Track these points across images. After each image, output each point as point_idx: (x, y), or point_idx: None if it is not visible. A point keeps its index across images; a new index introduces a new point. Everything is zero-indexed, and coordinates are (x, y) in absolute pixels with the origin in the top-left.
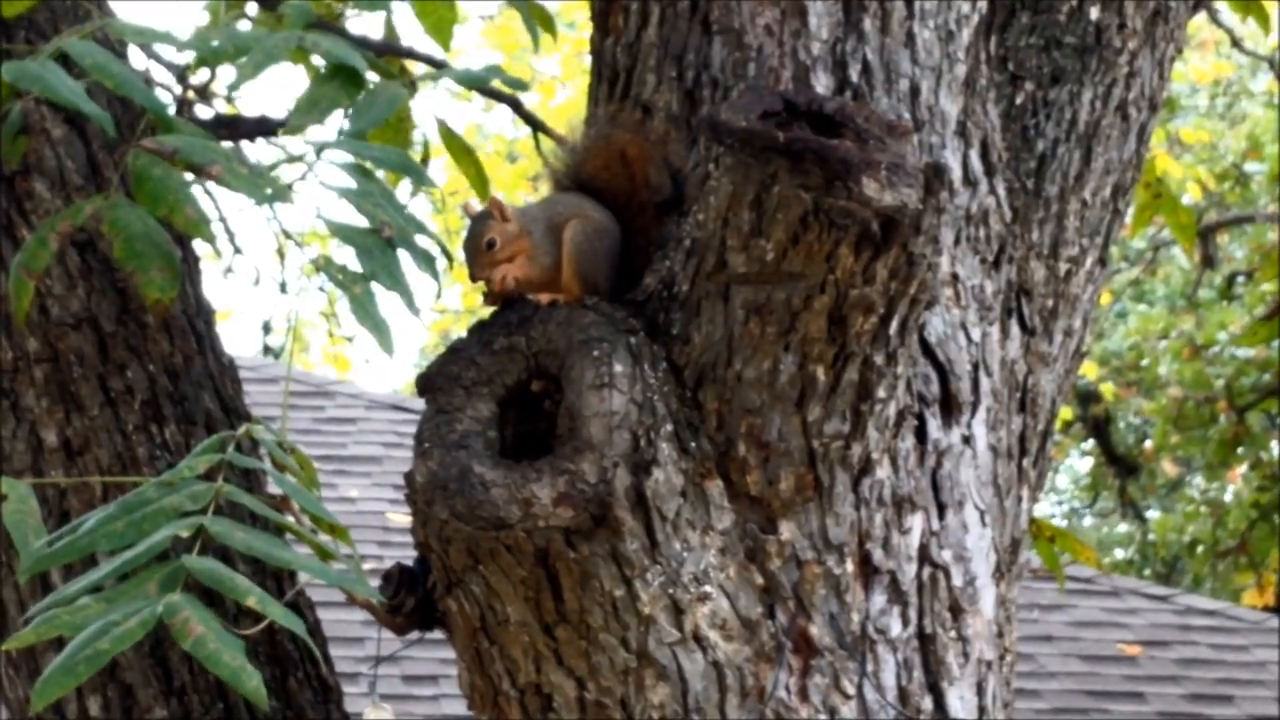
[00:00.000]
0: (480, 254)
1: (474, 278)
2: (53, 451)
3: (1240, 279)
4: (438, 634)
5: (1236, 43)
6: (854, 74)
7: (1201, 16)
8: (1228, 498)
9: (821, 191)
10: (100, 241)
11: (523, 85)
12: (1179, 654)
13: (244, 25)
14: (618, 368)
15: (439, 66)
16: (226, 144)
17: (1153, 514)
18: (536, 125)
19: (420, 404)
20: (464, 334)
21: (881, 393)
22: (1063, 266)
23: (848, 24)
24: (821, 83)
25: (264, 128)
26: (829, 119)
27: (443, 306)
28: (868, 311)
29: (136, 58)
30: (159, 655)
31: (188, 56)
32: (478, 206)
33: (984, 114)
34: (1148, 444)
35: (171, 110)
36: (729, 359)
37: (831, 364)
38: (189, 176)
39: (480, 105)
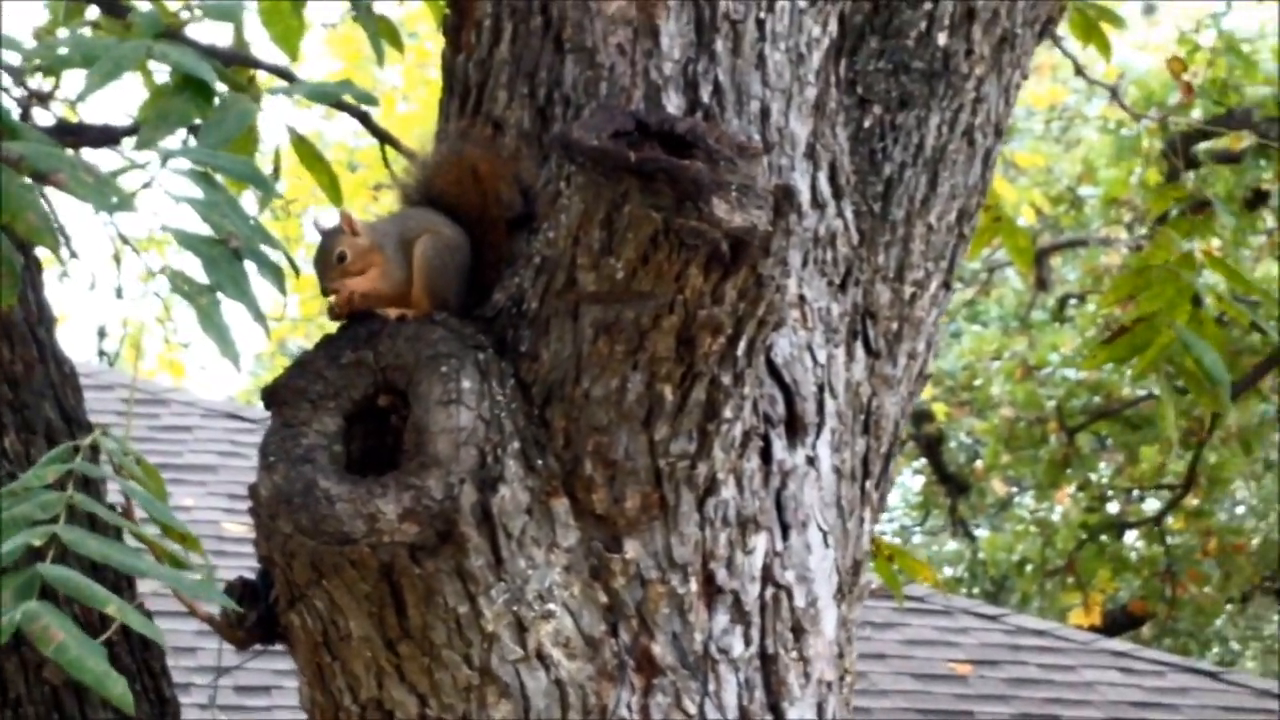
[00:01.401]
0: (331, 267)
1: (325, 291)
2: None
3: (1073, 301)
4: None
5: (1080, 70)
6: (705, 95)
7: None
8: (1056, 518)
9: (672, 211)
10: None
11: (372, 100)
12: (1009, 673)
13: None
14: (465, 384)
15: (287, 77)
16: (70, 152)
17: (981, 533)
18: (384, 137)
19: (257, 412)
20: (306, 345)
21: (728, 413)
22: (908, 290)
23: (699, 45)
24: (673, 103)
25: (108, 135)
26: (680, 139)
27: (280, 314)
28: (716, 332)
29: None
30: None
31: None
32: (328, 222)
33: (833, 137)
34: (978, 463)
35: (16, 115)
36: (577, 377)
37: (679, 383)
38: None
39: (320, 113)
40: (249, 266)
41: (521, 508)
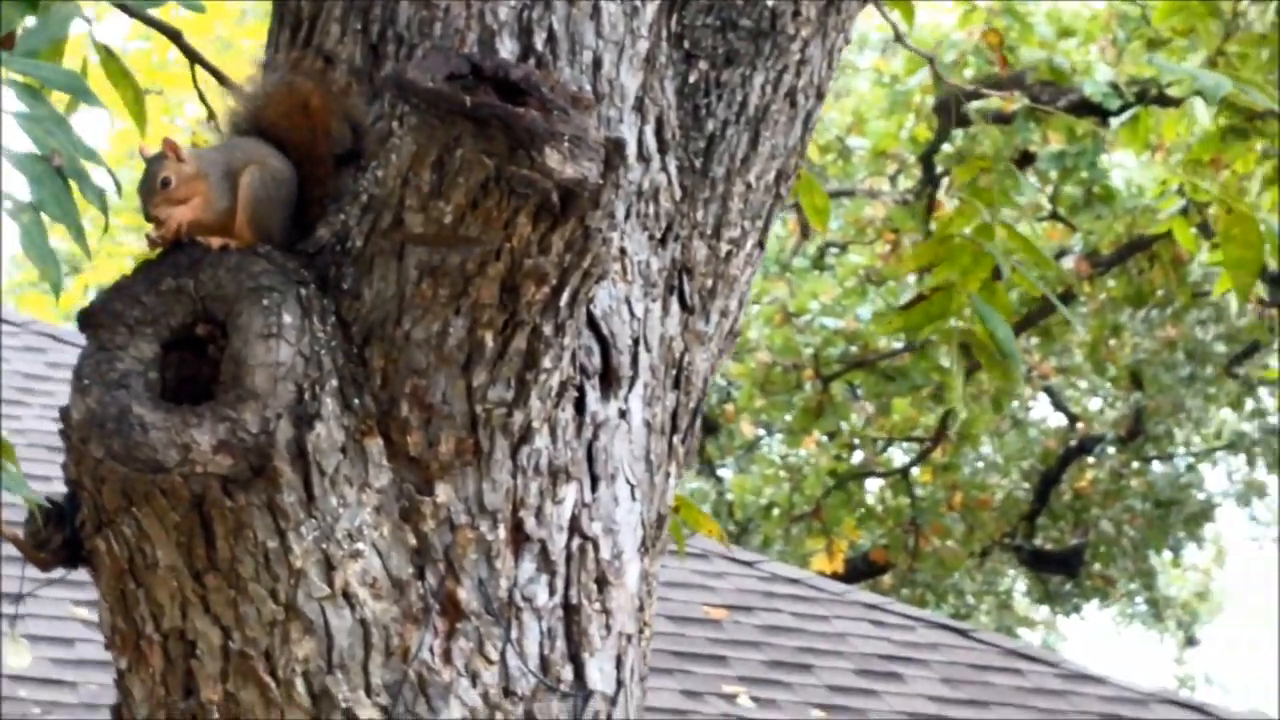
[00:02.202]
0: (155, 193)
1: (148, 217)
2: None
3: (834, 250)
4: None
5: (900, 37)
6: (539, 42)
7: None
8: (803, 463)
9: (504, 159)
10: None
11: (200, 8)
12: (762, 620)
13: None
14: (287, 319)
15: None
16: None
17: (726, 473)
18: (194, 57)
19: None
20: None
21: (547, 363)
22: (724, 247)
23: None
24: (506, 48)
25: None
26: (514, 86)
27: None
28: (540, 281)
29: None
30: None
31: None
32: (152, 150)
33: (661, 91)
34: (730, 405)
35: None
36: (399, 318)
37: (501, 331)
38: None
39: (124, 34)
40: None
41: (336, 446)
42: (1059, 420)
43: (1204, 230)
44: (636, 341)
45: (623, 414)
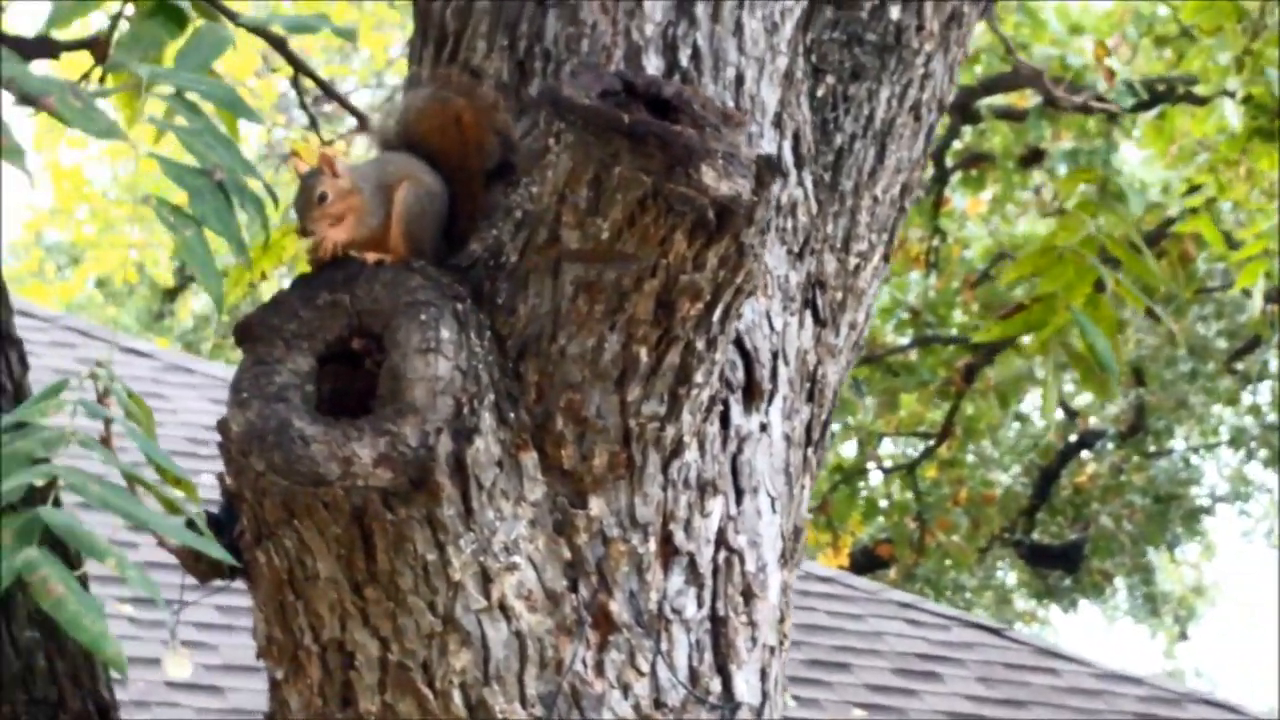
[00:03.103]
0: (312, 207)
1: (304, 232)
2: None
3: None
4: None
5: (1010, 50)
6: (684, 58)
7: None
8: None
9: (662, 176)
10: None
11: (351, 35)
12: (799, 619)
13: None
14: (444, 333)
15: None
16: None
17: None
18: (303, 69)
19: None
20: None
21: (699, 378)
22: (853, 260)
23: (680, 8)
24: (652, 64)
25: (47, 49)
26: (666, 103)
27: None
28: (695, 297)
29: None
30: None
31: None
32: (307, 165)
33: (797, 106)
34: None
35: None
36: (554, 333)
37: (655, 346)
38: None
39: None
40: None
41: (493, 460)
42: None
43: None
44: (776, 355)
45: (764, 427)
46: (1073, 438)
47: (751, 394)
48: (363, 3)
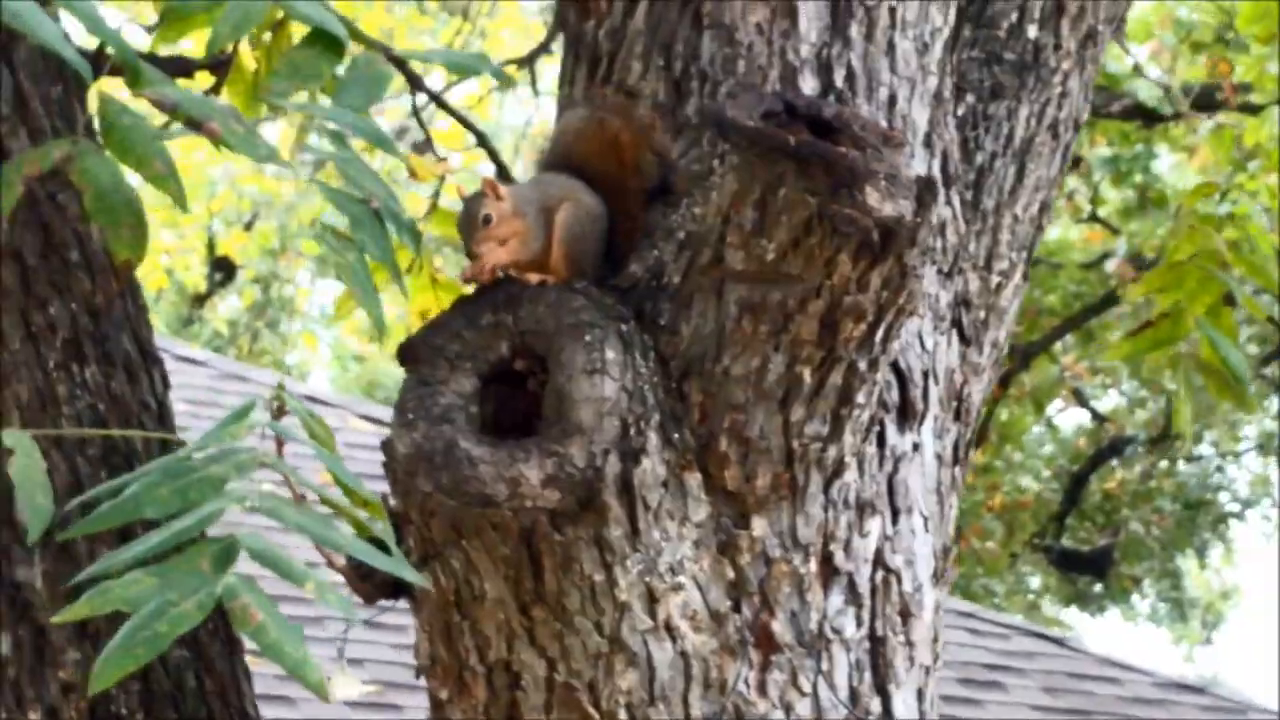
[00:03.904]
0: (477, 229)
1: (470, 254)
2: None
3: None
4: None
5: (1139, 70)
6: (838, 79)
7: None
8: None
9: (827, 197)
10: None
11: (509, 81)
12: None
13: None
14: (610, 354)
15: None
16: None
17: None
18: (433, 96)
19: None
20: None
21: (860, 398)
22: (994, 279)
23: (835, 29)
24: (808, 85)
25: (183, 68)
26: (827, 124)
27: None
28: (858, 318)
29: None
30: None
31: None
32: (470, 188)
33: (945, 126)
34: None
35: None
36: (718, 354)
37: (818, 366)
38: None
39: None
40: None
41: (659, 480)
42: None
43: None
44: (927, 375)
45: (916, 447)
46: (1103, 443)
47: (906, 414)
48: (395, 2)
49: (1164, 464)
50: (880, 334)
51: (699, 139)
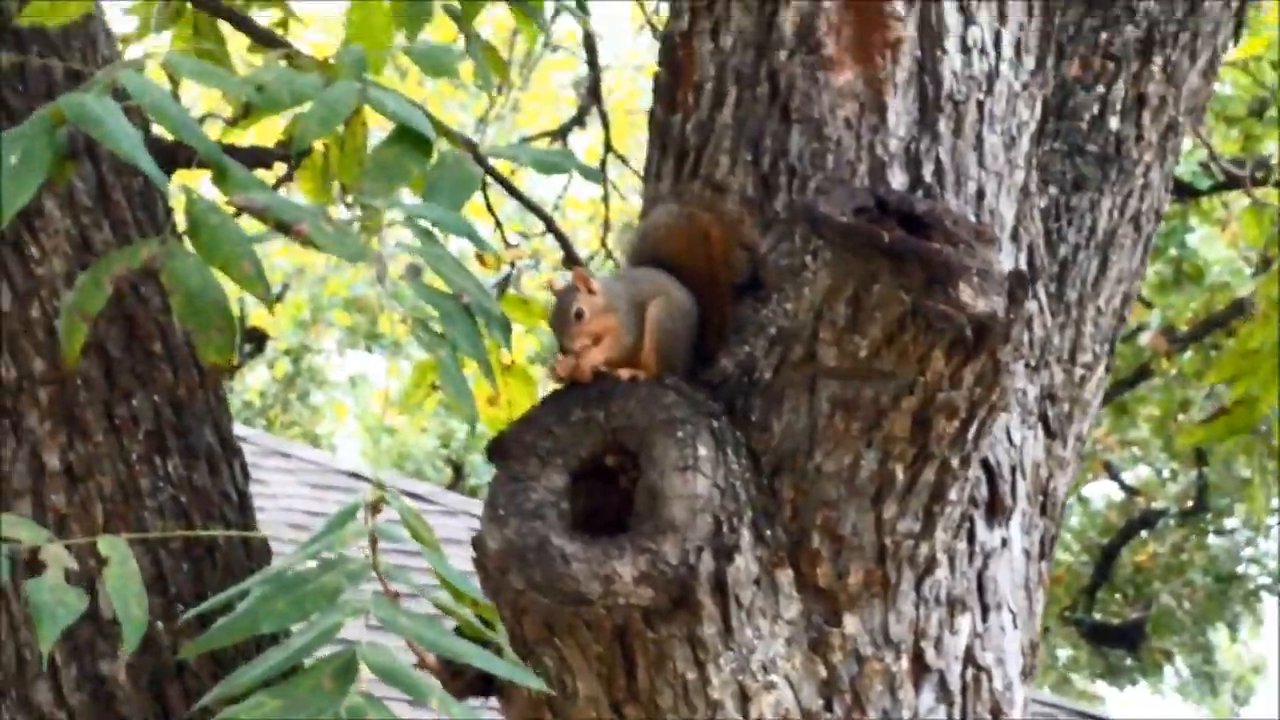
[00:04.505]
0: (569, 324)
1: (564, 349)
2: (54, 475)
3: None
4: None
5: (1214, 157)
6: (927, 173)
7: None
8: None
9: (921, 293)
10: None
11: (596, 176)
12: None
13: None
14: (702, 451)
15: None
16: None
17: None
18: (509, 189)
19: None
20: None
21: (953, 495)
22: (1079, 372)
23: (923, 123)
24: (897, 179)
25: (260, 159)
26: (918, 219)
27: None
28: (951, 415)
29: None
30: (156, 690)
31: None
32: (562, 282)
33: (1032, 219)
34: None
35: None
36: (810, 450)
37: (911, 463)
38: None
39: None
40: None
41: (751, 578)
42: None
43: None
44: (1015, 470)
45: (1005, 542)
46: (1134, 515)
47: (995, 509)
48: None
49: (1194, 537)
50: (973, 430)
51: (789, 233)
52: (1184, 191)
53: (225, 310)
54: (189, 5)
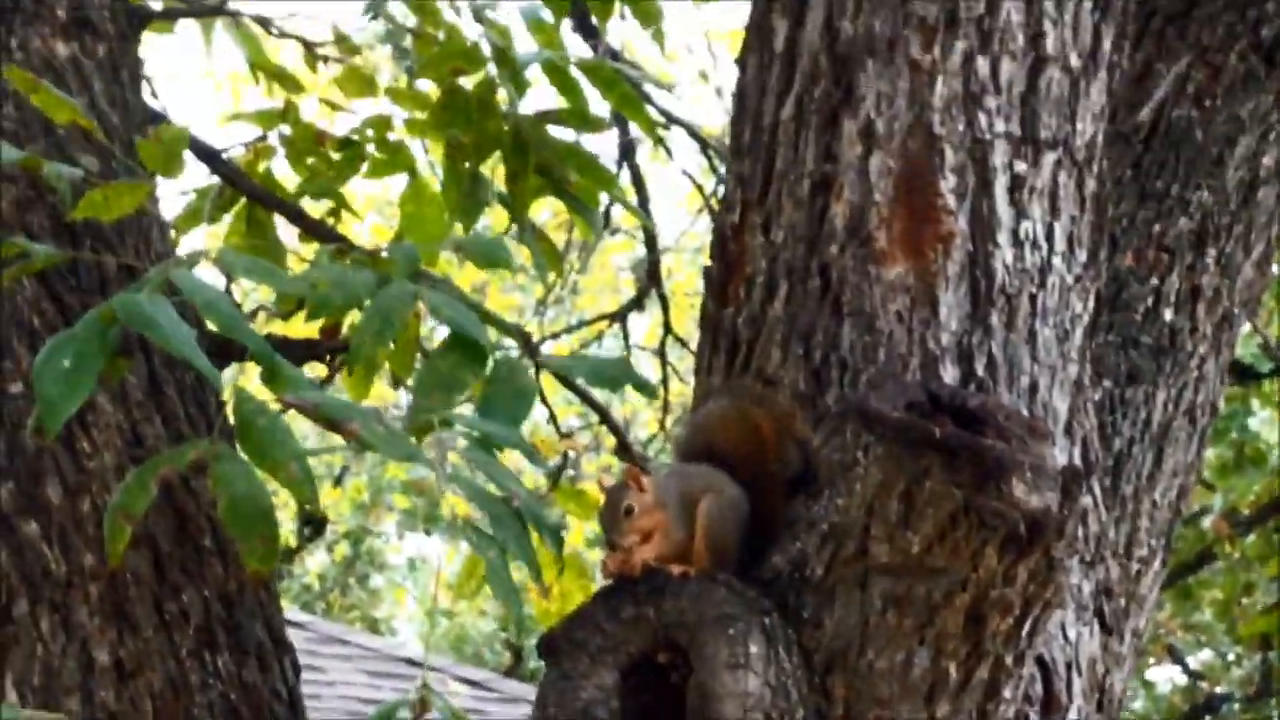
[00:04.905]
0: (619, 520)
1: (613, 545)
2: (104, 671)
3: None
4: None
5: (1266, 345)
6: (979, 367)
7: None
8: None
9: (973, 490)
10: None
11: (652, 391)
12: None
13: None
14: (753, 649)
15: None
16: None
17: None
18: (565, 383)
19: None
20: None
21: (1007, 693)
22: (1134, 566)
23: (975, 317)
24: (949, 373)
25: (314, 352)
26: (971, 414)
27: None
28: (1005, 612)
29: None
30: None
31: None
32: (612, 478)
33: (1085, 413)
34: None
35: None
36: (862, 647)
37: (964, 661)
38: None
39: None
40: None
41: None
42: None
43: None
44: (1070, 667)
45: None
46: (1198, 699)
47: (1050, 707)
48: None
49: None
50: (1027, 627)
51: (840, 428)
52: (1245, 374)
53: (270, 518)
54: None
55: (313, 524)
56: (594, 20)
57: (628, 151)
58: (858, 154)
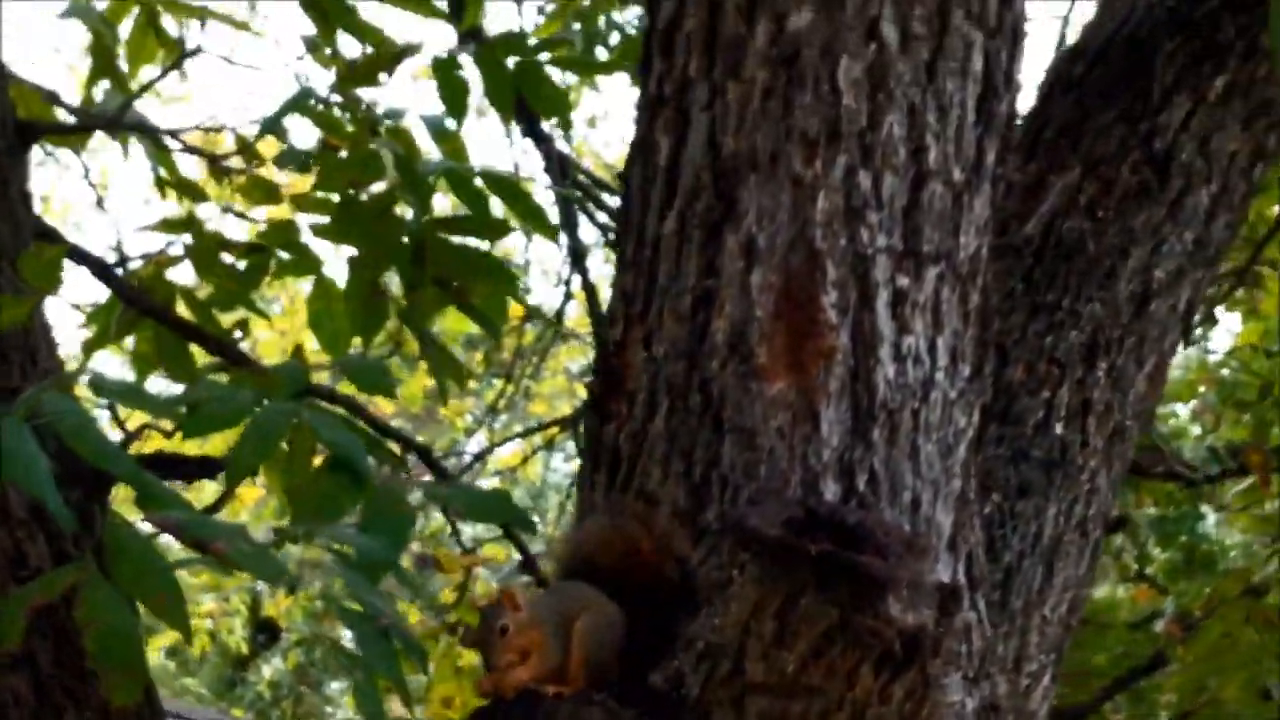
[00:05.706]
0: (495, 640)
1: (489, 665)
2: None
3: None
4: None
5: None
6: (861, 483)
7: None
8: None
9: (849, 608)
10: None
11: (532, 528)
12: None
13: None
14: None
15: (421, 452)
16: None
17: None
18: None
19: None
20: None
21: None
22: (1024, 681)
23: (856, 433)
24: (829, 489)
25: (207, 469)
26: (850, 531)
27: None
28: None
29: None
30: None
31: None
32: (487, 599)
33: (971, 529)
34: None
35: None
36: None
37: None
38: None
39: None
40: None
41: None
42: None
43: None
44: None
45: None
46: None
47: None
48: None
49: None
50: None
51: (719, 546)
52: (1191, 481)
53: (136, 654)
54: None
55: (267, 631)
56: (543, 126)
57: (578, 256)
58: (739, 269)
